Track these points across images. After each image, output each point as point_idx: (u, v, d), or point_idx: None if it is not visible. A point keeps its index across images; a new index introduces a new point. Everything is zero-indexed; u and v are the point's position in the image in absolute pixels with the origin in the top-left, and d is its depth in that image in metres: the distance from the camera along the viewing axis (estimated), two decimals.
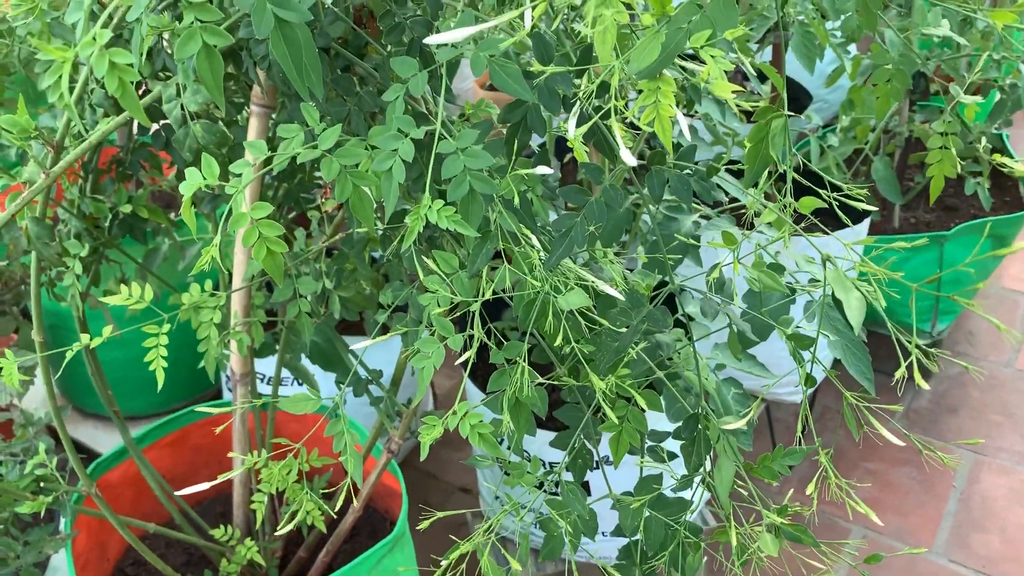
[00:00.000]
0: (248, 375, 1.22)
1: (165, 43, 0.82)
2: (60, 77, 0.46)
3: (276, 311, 1.23)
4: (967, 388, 2.28)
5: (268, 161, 0.70)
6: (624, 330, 0.70)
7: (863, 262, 0.71)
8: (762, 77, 1.94)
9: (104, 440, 2.14)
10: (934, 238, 2.05)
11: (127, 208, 1.08)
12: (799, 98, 2.51)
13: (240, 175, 0.66)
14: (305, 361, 1.36)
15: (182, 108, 0.78)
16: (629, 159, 0.52)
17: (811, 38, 1.54)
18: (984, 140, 1.92)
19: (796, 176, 0.71)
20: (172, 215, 1.73)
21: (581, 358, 0.68)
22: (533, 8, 0.49)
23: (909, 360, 0.63)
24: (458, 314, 0.79)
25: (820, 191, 0.75)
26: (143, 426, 2.18)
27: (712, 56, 0.61)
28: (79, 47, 0.46)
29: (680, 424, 0.77)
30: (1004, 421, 2.18)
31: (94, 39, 0.46)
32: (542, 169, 0.62)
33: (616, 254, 0.97)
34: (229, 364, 1.20)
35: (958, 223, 2.09)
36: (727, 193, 0.95)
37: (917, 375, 0.63)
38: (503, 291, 0.73)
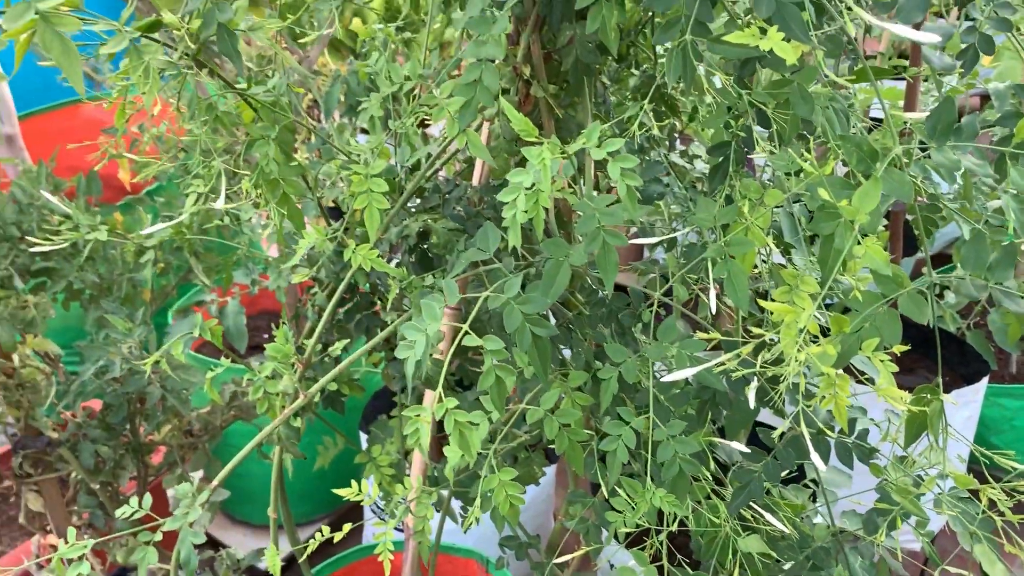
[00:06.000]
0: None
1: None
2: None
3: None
4: None
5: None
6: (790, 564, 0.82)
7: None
8: None
9: (251, 546, 2.34)
10: None
11: (333, 386, 1.26)
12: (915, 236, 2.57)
13: (477, 424, 0.82)
14: None
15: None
16: (820, 465, 0.65)
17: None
18: None
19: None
20: None
21: None
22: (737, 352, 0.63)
23: None
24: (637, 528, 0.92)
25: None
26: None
27: (881, 360, 0.74)
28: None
29: None
30: None
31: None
32: (736, 446, 0.76)
33: None
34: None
35: None
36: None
37: None
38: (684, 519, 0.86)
